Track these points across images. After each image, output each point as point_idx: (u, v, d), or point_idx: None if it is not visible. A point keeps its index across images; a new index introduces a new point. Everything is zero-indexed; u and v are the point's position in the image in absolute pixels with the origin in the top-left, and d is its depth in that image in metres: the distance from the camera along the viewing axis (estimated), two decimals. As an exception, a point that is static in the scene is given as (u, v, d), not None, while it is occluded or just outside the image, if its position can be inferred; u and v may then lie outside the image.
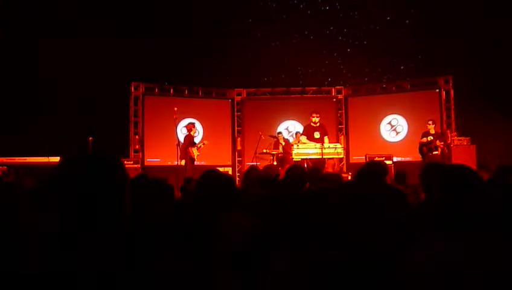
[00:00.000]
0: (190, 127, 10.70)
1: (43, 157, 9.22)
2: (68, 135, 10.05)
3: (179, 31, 12.09)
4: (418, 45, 12.03)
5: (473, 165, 9.24)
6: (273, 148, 10.93)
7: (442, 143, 10.27)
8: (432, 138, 10.35)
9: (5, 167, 8.73)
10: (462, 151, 10.52)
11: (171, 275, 1.39)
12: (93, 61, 10.56)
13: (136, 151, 12.42)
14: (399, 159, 11.62)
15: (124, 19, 11.20)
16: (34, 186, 4.28)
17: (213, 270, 1.79)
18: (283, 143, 10.99)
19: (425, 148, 10.37)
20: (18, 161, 9.17)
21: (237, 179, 11.65)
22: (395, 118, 13.08)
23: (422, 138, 10.53)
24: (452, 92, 12.35)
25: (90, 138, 9.14)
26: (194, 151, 10.29)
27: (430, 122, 10.52)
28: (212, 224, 2.31)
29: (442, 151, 10.50)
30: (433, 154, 10.26)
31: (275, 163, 10.68)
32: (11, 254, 1.40)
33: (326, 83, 13.77)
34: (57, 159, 9.13)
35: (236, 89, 13.87)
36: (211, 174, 2.78)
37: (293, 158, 9.96)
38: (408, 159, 10.85)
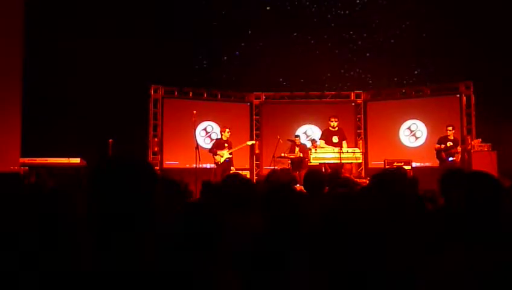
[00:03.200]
0: (222, 129, 10.73)
1: (64, 159, 9.31)
2: (88, 136, 10.18)
3: (198, 34, 12.15)
4: (439, 50, 11.91)
5: (494, 171, 9.11)
6: (289, 152, 10.86)
7: (461, 149, 10.13)
8: (451, 143, 10.22)
9: (27, 168, 8.84)
10: (483, 158, 10.38)
11: (182, 274, 1.42)
12: (114, 64, 10.66)
13: (154, 153, 12.51)
14: (418, 164, 11.51)
15: (144, 22, 11.30)
16: (55, 187, 4.34)
17: (222, 270, 1.80)
18: (298, 148, 10.91)
19: (443, 154, 10.23)
20: (39, 161, 9.26)
21: (255, 182, 11.61)
22: (415, 123, 12.97)
23: (438, 143, 10.40)
24: (473, 98, 12.18)
25: (110, 140, 9.21)
26: (224, 153, 10.30)
27: (450, 127, 10.35)
28: (224, 224, 2.33)
29: (462, 158, 10.35)
30: (453, 160, 10.14)
31: (287, 167, 10.65)
32: (57, 255, 1.43)
33: (345, 87, 13.70)
34: (77, 160, 9.28)
35: (255, 93, 13.89)
36: (232, 178, 2.81)
37: (310, 162, 9.97)
38: (427, 164, 10.75)
